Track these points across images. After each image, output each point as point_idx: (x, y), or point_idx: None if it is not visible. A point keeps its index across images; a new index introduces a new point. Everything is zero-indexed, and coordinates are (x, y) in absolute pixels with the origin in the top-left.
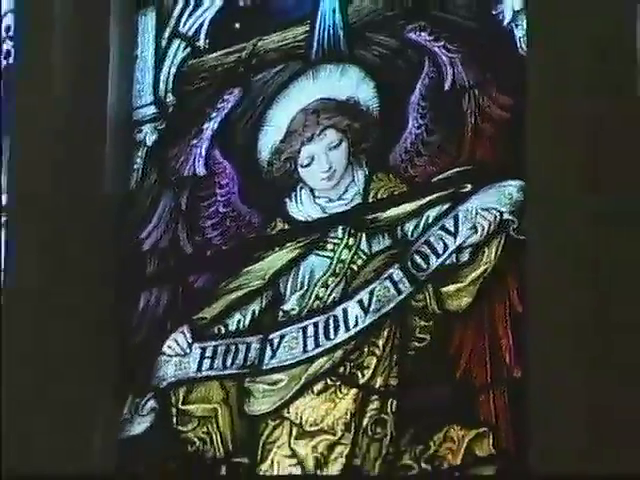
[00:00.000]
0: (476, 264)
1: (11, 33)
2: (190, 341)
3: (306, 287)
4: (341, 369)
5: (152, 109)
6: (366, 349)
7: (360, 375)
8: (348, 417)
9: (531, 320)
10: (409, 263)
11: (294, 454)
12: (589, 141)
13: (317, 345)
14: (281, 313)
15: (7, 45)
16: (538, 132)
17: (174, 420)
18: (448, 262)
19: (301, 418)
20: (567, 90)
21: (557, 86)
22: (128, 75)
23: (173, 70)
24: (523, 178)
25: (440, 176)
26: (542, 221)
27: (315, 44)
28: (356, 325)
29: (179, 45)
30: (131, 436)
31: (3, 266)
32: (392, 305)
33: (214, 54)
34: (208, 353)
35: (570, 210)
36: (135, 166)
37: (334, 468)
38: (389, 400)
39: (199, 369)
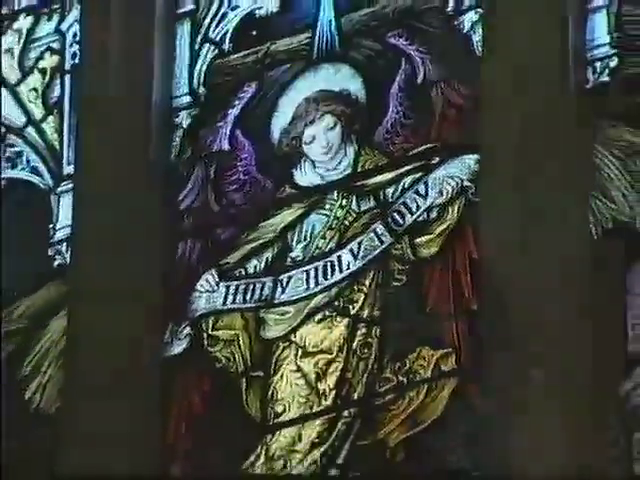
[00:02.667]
0: (442, 220)
1: (77, 38)
2: (217, 281)
3: (308, 239)
4: (336, 303)
5: (187, 98)
6: (355, 287)
7: (351, 307)
8: (341, 340)
9: (484, 264)
10: (389, 220)
11: (299, 369)
12: (529, 126)
13: (317, 284)
14: (289, 259)
15: (74, 48)
16: (490, 117)
17: (205, 343)
18: (420, 219)
19: (305, 341)
20: (513, 84)
21: (505, 81)
22: (169, 71)
23: (204, 68)
24: (479, 153)
25: (414, 151)
26: (493, 187)
27: (316, 47)
28: (348, 269)
29: (209, 48)
30: (171, 355)
31: (71, 221)
32: (376, 253)
33: (236, 55)
34: (231, 290)
35: (512, 177)
36: (174, 144)
37: (330, 380)
38: (374, 327)
39: (224, 303)
